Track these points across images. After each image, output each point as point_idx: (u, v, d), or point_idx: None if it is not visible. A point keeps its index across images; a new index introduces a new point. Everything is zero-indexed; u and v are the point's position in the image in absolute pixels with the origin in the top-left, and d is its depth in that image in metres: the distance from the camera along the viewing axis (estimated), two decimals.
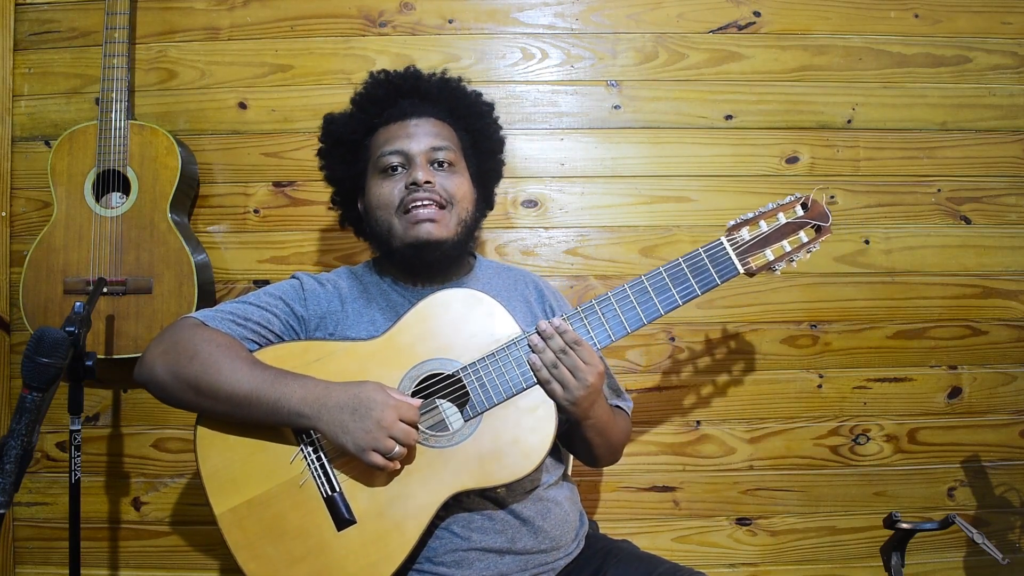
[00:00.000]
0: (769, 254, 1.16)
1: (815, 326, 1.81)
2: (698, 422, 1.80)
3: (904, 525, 1.29)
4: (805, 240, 1.18)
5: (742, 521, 1.80)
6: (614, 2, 1.82)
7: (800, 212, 1.18)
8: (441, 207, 1.21)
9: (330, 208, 1.41)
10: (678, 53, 1.81)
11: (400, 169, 1.23)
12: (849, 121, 1.82)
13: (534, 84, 1.81)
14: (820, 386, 1.80)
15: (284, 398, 1.06)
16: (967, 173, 1.83)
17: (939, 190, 1.83)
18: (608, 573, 1.17)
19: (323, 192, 1.77)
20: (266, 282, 1.77)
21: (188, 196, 1.73)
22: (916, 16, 1.83)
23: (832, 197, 1.81)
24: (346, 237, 1.78)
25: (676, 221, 1.80)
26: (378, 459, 1.03)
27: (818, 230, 1.18)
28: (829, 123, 1.82)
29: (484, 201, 1.36)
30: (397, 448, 1.03)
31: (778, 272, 1.17)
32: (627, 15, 1.82)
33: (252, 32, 1.79)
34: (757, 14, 1.82)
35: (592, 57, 1.82)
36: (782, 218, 1.17)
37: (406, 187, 1.21)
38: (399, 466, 1.07)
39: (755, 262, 1.16)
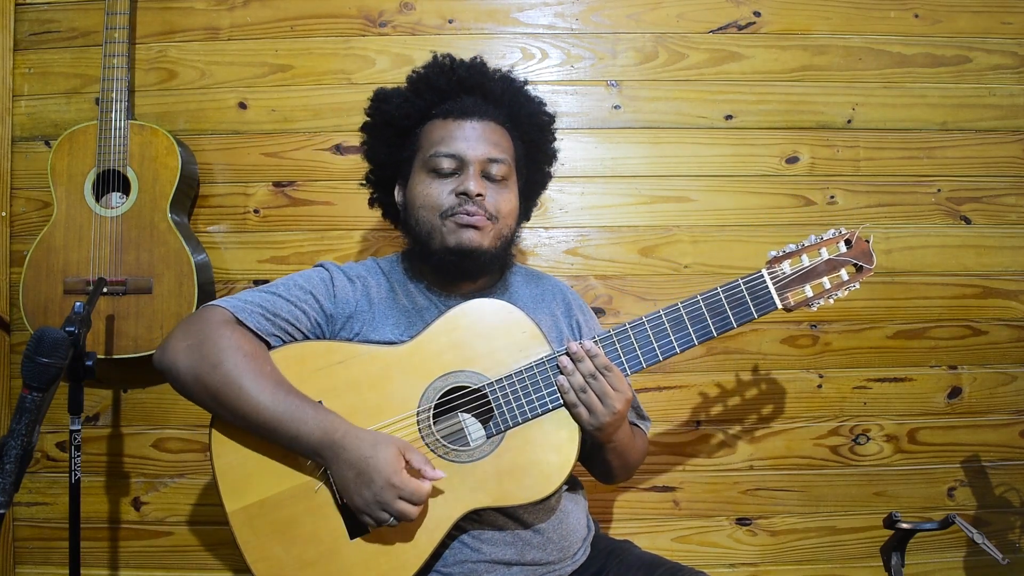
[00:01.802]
0: (808, 290, 1.13)
1: (815, 326, 1.81)
2: (698, 422, 1.80)
3: (904, 525, 1.29)
4: (846, 278, 1.14)
5: (742, 521, 1.80)
6: (614, 2, 1.82)
7: (843, 249, 1.15)
8: (486, 219, 1.17)
9: (362, 185, 1.36)
10: (678, 53, 1.81)
11: (451, 173, 1.18)
12: (849, 121, 1.82)
13: (534, 84, 1.80)
14: (820, 386, 1.80)
15: (303, 436, 1.03)
16: (967, 173, 1.83)
17: (939, 190, 1.83)
18: (610, 573, 1.17)
19: (323, 192, 1.78)
20: (266, 282, 1.76)
21: (188, 196, 1.73)
22: (916, 16, 1.83)
23: (832, 197, 1.81)
24: (347, 237, 1.79)
25: (676, 221, 1.80)
26: (370, 522, 1.03)
27: (859, 269, 1.15)
28: (829, 123, 1.82)
29: (524, 212, 1.32)
30: (391, 520, 1.01)
31: (814, 308, 1.14)
32: (627, 15, 1.82)
33: (252, 32, 1.79)
34: (757, 14, 1.82)
35: (592, 57, 1.82)
36: (825, 254, 1.14)
37: (455, 195, 1.16)
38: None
39: (794, 298, 1.12)
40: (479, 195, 1.16)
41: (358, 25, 1.80)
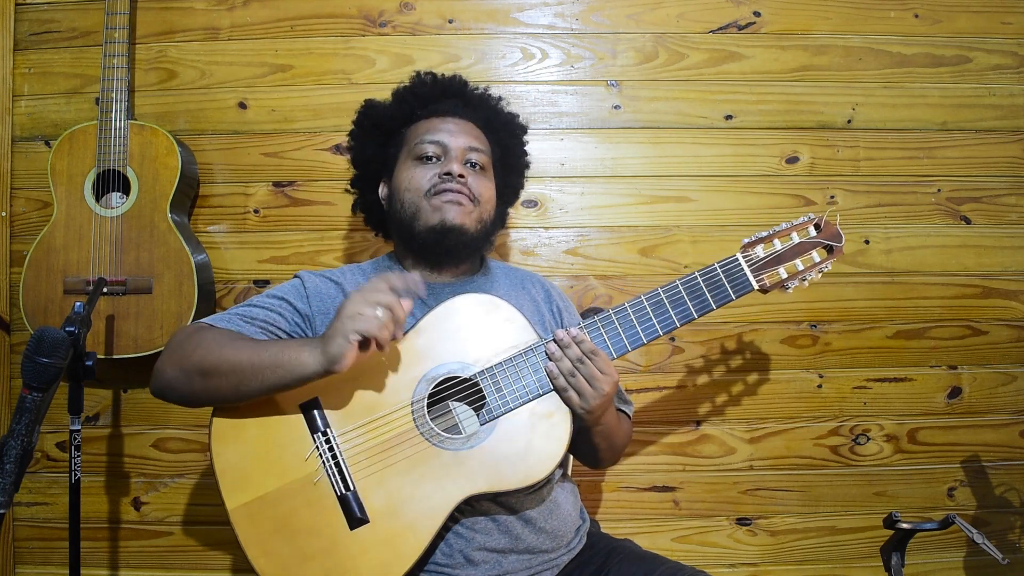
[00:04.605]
0: (782, 272, 1.19)
1: (815, 326, 1.81)
2: (698, 422, 1.80)
3: (904, 525, 1.29)
4: (817, 260, 1.21)
5: (742, 521, 1.80)
6: (614, 2, 1.82)
7: (813, 232, 1.21)
8: (468, 199, 1.25)
9: (347, 191, 1.43)
10: (678, 53, 1.81)
11: (435, 159, 1.27)
12: (849, 121, 1.82)
13: (534, 84, 1.81)
14: (820, 386, 1.80)
15: (285, 349, 1.06)
16: (967, 173, 1.83)
17: (939, 190, 1.83)
18: (611, 572, 1.18)
19: (323, 192, 1.78)
20: (266, 282, 1.77)
21: (188, 196, 1.73)
22: (916, 16, 1.83)
23: (832, 197, 1.81)
24: (347, 237, 1.79)
25: (676, 221, 1.80)
26: (349, 337, 1.00)
27: (830, 251, 1.22)
28: (829, 123, 1.82)
29: (499, 217, 1.39)
30: (364, 326, 0.99)
31: (790, 290, 1.20)
32: (627, 15, 1.82)
33: (252, 32, 1.79)
34: (757, 14, 1.82)
35: (592, 57, 1.82)
36: (795, 238, 1.21)
37: (439, 176, 1.24)
38: (384, 345, 1.02)
39: (769, 279, 1.19)
40: (461, 176, 1.23)
41: (358, 25, 1.80)
